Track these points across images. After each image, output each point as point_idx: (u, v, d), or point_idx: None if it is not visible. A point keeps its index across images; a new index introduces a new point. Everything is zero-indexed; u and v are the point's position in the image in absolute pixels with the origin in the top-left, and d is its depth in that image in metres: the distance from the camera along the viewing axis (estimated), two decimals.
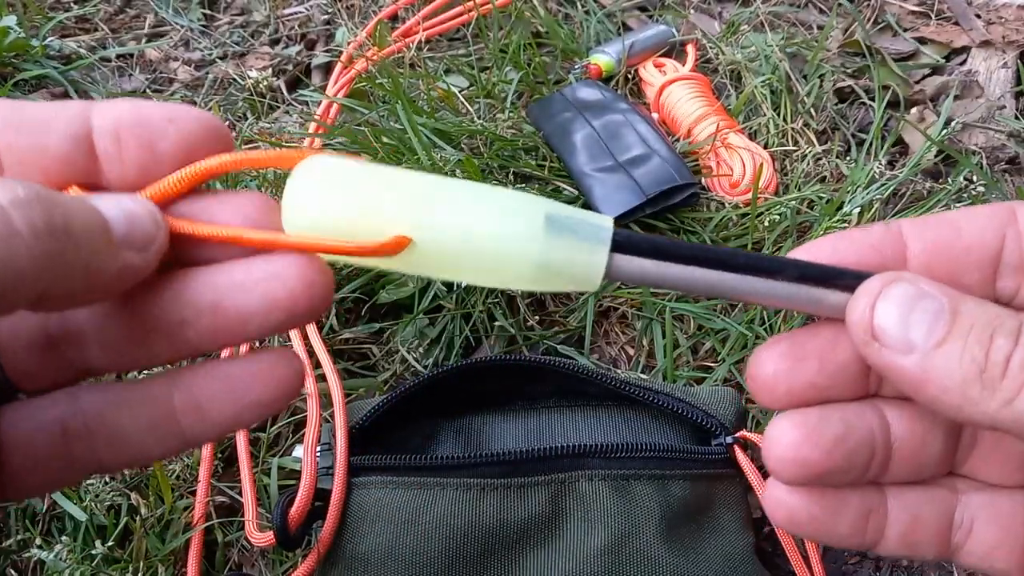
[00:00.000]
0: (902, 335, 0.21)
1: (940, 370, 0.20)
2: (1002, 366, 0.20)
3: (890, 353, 0.21)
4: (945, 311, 0.21)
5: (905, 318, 0.21)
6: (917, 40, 0.79)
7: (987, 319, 0.20)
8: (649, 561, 0.40)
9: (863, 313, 0.21)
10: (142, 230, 0.20)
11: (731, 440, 0.44)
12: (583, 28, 0.80)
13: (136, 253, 0.20)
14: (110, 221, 0.20)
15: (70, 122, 0.21)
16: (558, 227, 0.22)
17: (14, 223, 0.17)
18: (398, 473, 0.41)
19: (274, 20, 0.85)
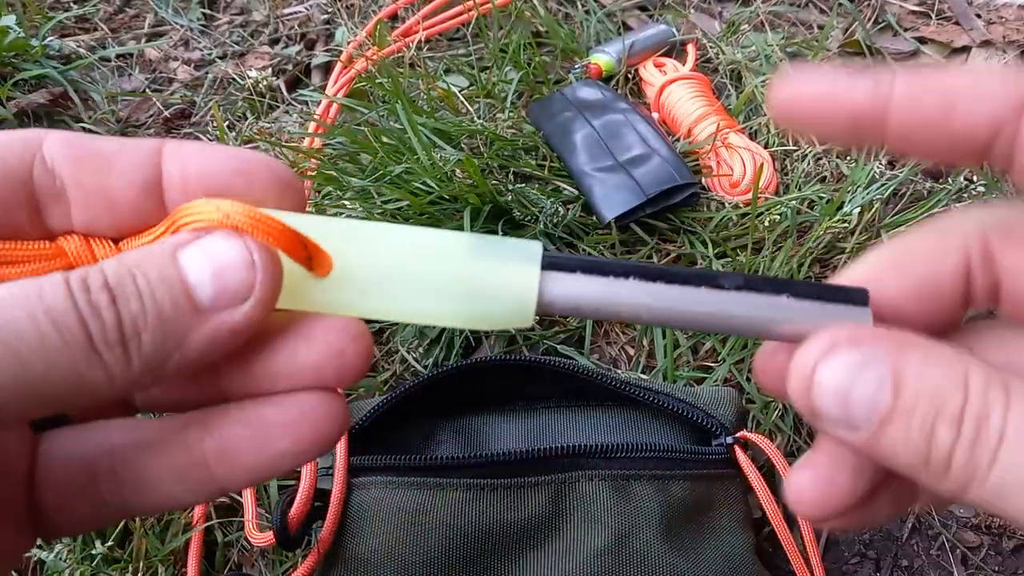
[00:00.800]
0: (843, 415, 0.19)
1: (888, 451, 0.19)
2: (944, 462, 0.18)
3: (835, 429, 0.19)
4: (887, 384, 0.18)
5: (845, 396, 0.19)
6: (917, 40, 0.79)
7: (930, 394, 0.18)
8: (649, 561, 0.40)
9: (801, 392, 0.20)
10: (235, 283, 0.19)
11: (731, 440, 0.44)
12: (583, 28, 0.79)
13: (230, 312, 0.18)
14: (193, 287, 0.18)
15: (136, 166, 0.20)
16: (483, 247, 0.21)
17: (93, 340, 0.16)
18: (398, 473, 0.41)
19: (274, 20, 0.85)
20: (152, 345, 0.17)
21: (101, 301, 0.17)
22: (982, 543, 0.49)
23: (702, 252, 0.60)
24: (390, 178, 0.60)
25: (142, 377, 0.18)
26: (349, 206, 0.59)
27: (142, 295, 0.17)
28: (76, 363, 0.17)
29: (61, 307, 0.17)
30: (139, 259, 0.18)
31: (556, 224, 0.59)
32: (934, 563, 0.48)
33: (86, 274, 0.17)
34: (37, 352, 0.16)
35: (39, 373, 0.16)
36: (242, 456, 0.21)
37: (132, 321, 0.17)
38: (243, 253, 0.19)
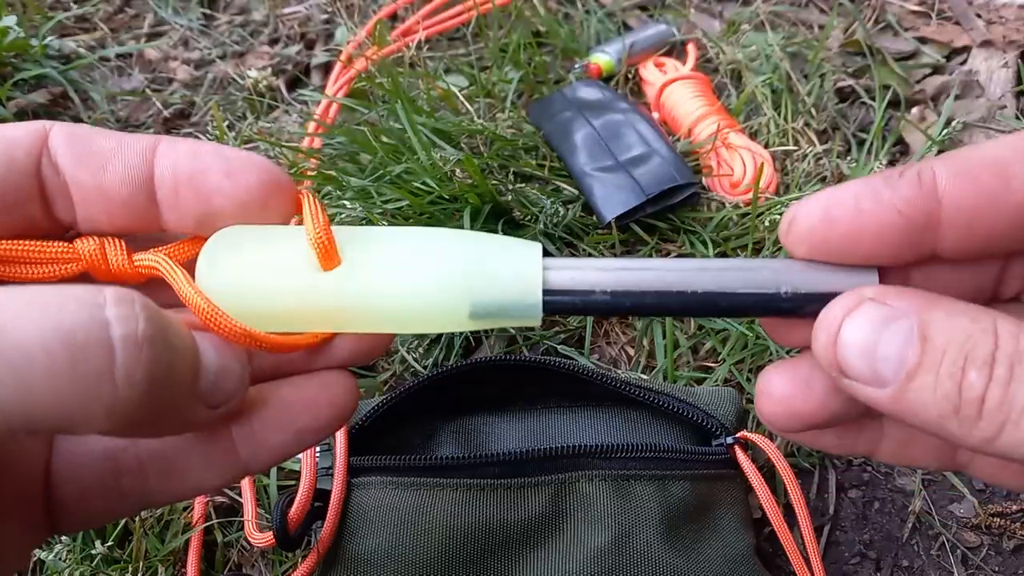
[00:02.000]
0: (870, 370, 0.19)
1: (915, 404, 0.18)
2: (976, 405, 0.18)
3: (862, 387, 0.19)
4: (915, 336, 0.18)
5: (871, 350, 0.19)
6: (918, 40, 0.79)
7: (959, 341, 0.18)
8: (649, 561, 0.40)
9: (827, 348, 0.19)
10: (226, 388, 0.19)
11: (731, 440, 0.44)
12: (583, 27, 0.79)
13: (207, 410, 0.19)
14: (203, 371, 0.19)
15: (130, 164, 0.21)
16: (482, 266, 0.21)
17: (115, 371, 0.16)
18: (398, 474, 0.41)
19: (273, 19, 0.85)
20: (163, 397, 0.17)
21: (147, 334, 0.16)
22: (982, 543, 0.49)
23: (702, 252, 0.60)
24: (390, 178, 0.60)
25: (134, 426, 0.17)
26: (349, 206, 0.59)
27: (172, 351, 0.17)
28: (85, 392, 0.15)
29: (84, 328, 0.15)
30: (169, 318, 0.17)
31: (556, 224, 0.59)
32: (934, 563, 0.48)
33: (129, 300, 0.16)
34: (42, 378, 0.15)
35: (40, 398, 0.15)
36: (267, 436, 0.21)
37: (165, 367, 0.17)
38: (243, 368, 0.20)
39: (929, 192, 0.20)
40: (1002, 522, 0.49)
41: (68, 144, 0.21)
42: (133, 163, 0.21)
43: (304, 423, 0.22)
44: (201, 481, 0.22)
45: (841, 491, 0.51)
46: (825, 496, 0.50)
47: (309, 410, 0.22)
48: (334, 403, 0.22)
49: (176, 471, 0.21)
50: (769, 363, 0.54)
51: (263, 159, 0.22)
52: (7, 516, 0.20)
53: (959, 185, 0.19)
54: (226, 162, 0.21)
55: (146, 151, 0.21)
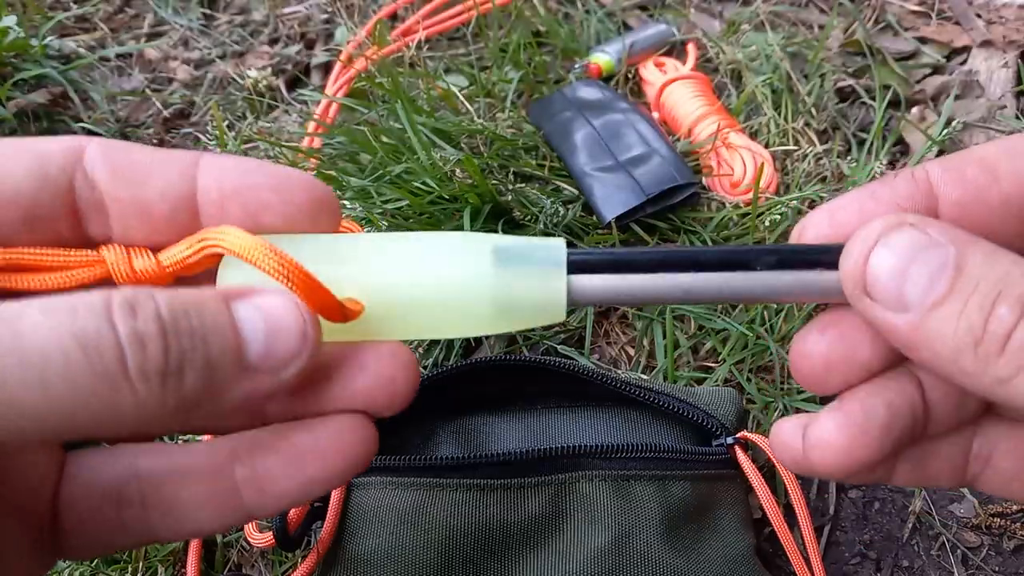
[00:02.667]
0: (896, 291, 0.18)
1: (933, 334, 0.18)
2: (1000, 341, 0.17)
3: (882, 310, 0.19)
4: (949, 265, 0.18)
5: (903, 271, 0.18)
6: (918, 40, 0.79)
7: (995, 277, 0.17)
8: (649, 562, 0.40)
9: (856, 263, 0.19)
10: (283, 349, 0.18)
11: (732, 441, 0.44)
12: (583, 27, 0.79)
13: (270, 376, 0.18)
14: (245, 342, 0.18)
15: (171, 179, 0.20)
16: (507, 257, 0.21)
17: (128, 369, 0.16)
18: (398, 474, 0.41)
19: (273, 19, 0.85)
20: (193, 387, 0.17)
21: (150, 331, 0.16)
22: (983, 543, 0.49)
23: None
24: (390, 178, 0.60)
25: (174, 416, 0.17)
26: (349, 206, 0.59)
27: (195, 335, 0.17)
28: (105, 392, 0.15)
29: (93, 331, 0.15)
30: (193, 299, 0.17)
31: (556, 224, 0.59)
32: (935, 563, 0.48)
33: (135, 300, 0.16)
34: (60, 378, 0.15)
35: (64, 399, 0.15)
36: (274, 483, 0.21)
37: (179, 358, 0.16)
38: (299, 322, 0.18)
39: (924, 188, 0.20)
40: (1002, 522, 0.49)
41: (105, 159, 0.20)
42: (174, 179, 0.20)
43: (313, 472, 0.20)
44: (202, 523, 0.21)
45: (841, 491, 0.51)
46: (825, 496, 0.50)
47: (320, 459, 0.20)
48: (348, 452, 0.21)
49: (177, 510, 0.21)
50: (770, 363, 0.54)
51: (309, 176, 0.21)
52: (19, 541, 0.20)
53: (949, 181, 0.20)
54: (274, 179, 0.20)
55: (188, 166, 0.20)
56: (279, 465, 0.20)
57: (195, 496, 0.21)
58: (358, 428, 0.21)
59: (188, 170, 0.20)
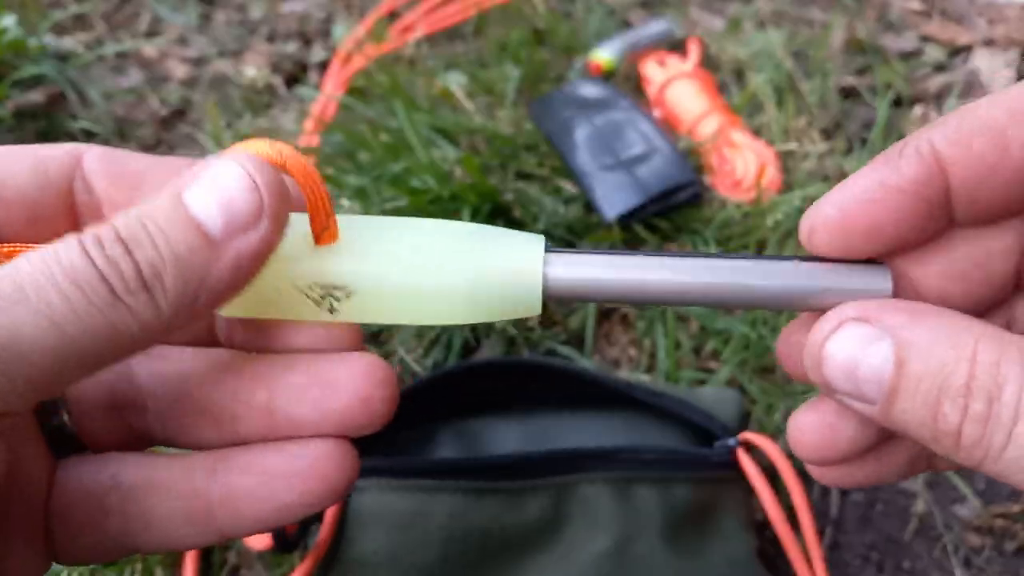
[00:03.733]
0: (855, 390, 0.19)
1: (900, 423, 0.19)
2: (953, 438, 0.18)
3: (852, 402, 0.19)
4: (890, 361, 0.18)
5: (853, 374, 0.19)
6: (920, 38, 0.78)
7: (935, 369, 0.18)
8: (651, 565, 0.40)
9: (814, 370, 0.20)
10: (244, 210, 0.18)
11: (734, 442, 0.43)
12: (584, 24, 0.79)
13: (245, 238, 0.18)
14: (202, 222, 0.18)
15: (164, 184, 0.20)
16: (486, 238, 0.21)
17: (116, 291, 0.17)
18: (397, 476, 0.41)
19: (271, 17, 0.85)
20: (175, 285, 0.18)
21: (116, 253, 0.17)
22: (984, 545, 0.48)
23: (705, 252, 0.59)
24: (389, 176, 0.60)
25: (175, 318, 0.18)
26: (347, 205, 0.59)
27: (155, 240, 0.18)
28: (106, 317, 0.17)
29: (79, 266, 0.17)
30: (146, 208, 0.18)
31: (557, 223, 0.59)
32: (936, 565, 0.48)
33: (98, 231, 0.18)
34: (66, 314, 0.16)
35: (74, 334, 0.17)
36: (247, 505, 0.20)
37: (150, 266, 0.17)
38: (244, 179, 0.19)
39: (932, 164, 0.20)
40: (1004, 523, 0.48)
41: (103, 165, 0.21)
42: (167, 181, 0.21)
43: (289, 499, 0.20)
44: (177, 539, 0.21)
45: (844, 493, 0.50)
46: (828, 498, 0.50)
47: (296, 485, 0.20)
48: (326, 479, 0.20)
49: (152, 523, 0.21)
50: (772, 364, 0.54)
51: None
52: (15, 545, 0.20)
53: (956, 155, 0.19)
54: None
55: (180, 170, 0.21)
56: (253, 487, 0.20)
57: (170, 512, 0.21)
58: (334, 453, 0.21)
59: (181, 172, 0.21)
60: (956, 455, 0.18)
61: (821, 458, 0.22)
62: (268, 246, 0.19)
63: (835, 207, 0.20)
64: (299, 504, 0.20)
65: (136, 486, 0.21)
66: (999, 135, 0.19)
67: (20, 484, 0.20)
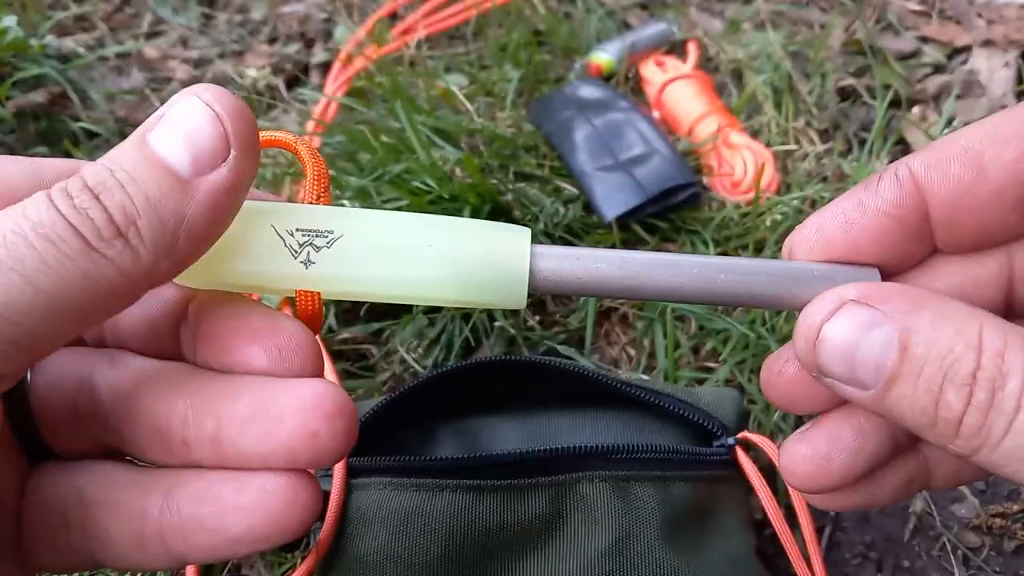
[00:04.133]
0: (850, 374, 0.18)
1: (894, 410, 0.18)
2: (953, 426, 0.17)
3: (843, 387, 0.19)
4: (894, 344, 0.18)
5: (851, 357, 0.18)
6: (919, 39, 0.79)
7: (939, 356, 0.17)
8: (650, 563, 0.40)
9: (807, 353, 0.19)
10: (209, 143, 0.18)
11: (733, 441, 0.44)
12: (584, 26, 0.79)
13: (218, 172, 0.18)
14: (170, 162, 0.18)
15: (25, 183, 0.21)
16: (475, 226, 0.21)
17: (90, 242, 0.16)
18: (397, 475, 0.41)
19: (272, 18, 0.85)
20: (151, 228, 0.17)
21: (85, 201, 0.17)
22: (983, 544, 0.48)
23: (703, 252, 0.60)
24: (389, 177, 0.60)
25: (159, 262, 0.17)
26: (348, 206, 0.59)
27: (124, 185, 0.17)
28: (83, 268, 0.16)
29: (47, 219, 0.16)
30: (112, 155, 0.18)
31: (556, 224, 0.59)
32: (935, 564, 0.48)
33: (65, 184, 0.17)
34: (41, 271, 0.16)
35: (53, 290, 0.16)
36: (197, 535, 0.20)
37: (121, 212, 0.17)
38: (206, 111, 0.18)
39: (910, 187, 0.20)
40: (1003, 522, 0.49)
41: None
42: None
43: (236, 533, 0.19)
44: (134, 560, 0.20)
45: None
46: None
47: (244, 519, 0.19)
48: (274, 517, 0.19)
49: (111, 544, 0.20)
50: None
51: None
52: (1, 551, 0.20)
53: (934, 178, 0.19)
54: None
55: None
56: (204, 516, 0.20)
57: (124, 533, 0.20)
58: (289, 488, 0.19)
59: None
60: (952, 443, 0.17)
61: (816, 488, 0.22)
62: (241, 177, 0.18)
63: (814, 229, 0.21)
64: (247, 539, 0.19)
65: (95, 503, 0.20)
66: (976, 157, 0.19)
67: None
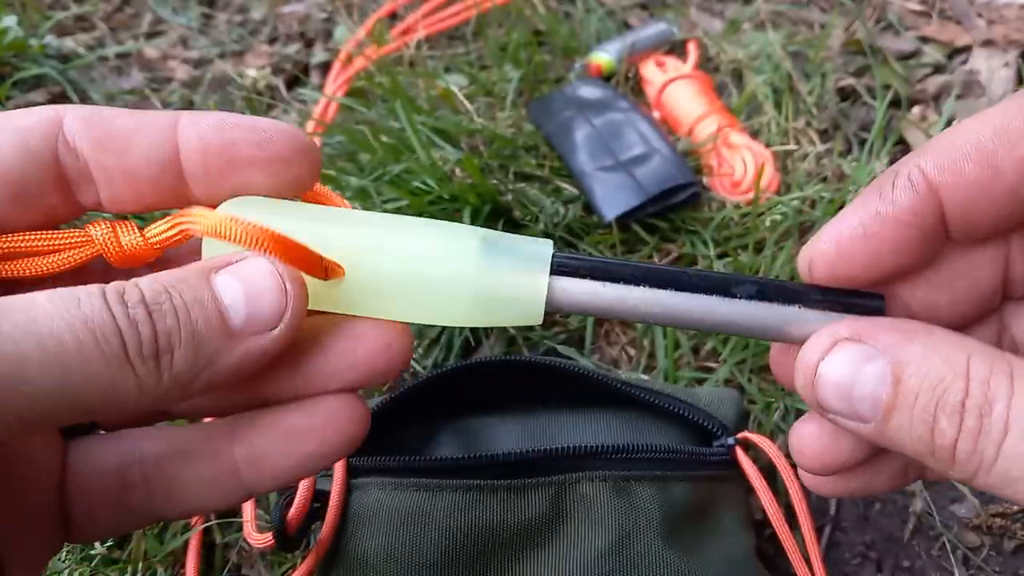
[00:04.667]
0: (849, 410, 0.19)
1: (894, 440, 0.19)
2: (949, 452, 0.18)
3: (845, 422, 0.20)
4: (887, 378, 0.19)
5: (847, 394, 0.19)
6: (919, 39, 0.79)
7: (931, 386, 0.18)
8: (650, 563, 0.40)
9: (806, 390, 0.20)
10: (266, 310, 0.19)
11: (732, 441, 0.44)
12: (584, 26, 0.79)
13: (259, 337, 0.19)
14: (227, 310, 0.19)
15: (153, 145, 0.21)
16: (493, 247, 0.21)
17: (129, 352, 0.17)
18: (397, 475, 0.41)
19: (272, 18, 0.85)
20: (184, 362, 0.18)
21: (139, 315, 0.17)
22: (983, 544, 0.49)
23: (703, 252, 0.60)
24: (389, 177, 0.60)
25: (170, 392, 0.18)
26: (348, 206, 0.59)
27: (178, 312, 0.18)
28: (111, 374, 0.17)
29: (99, 318, 0.17)
30: (174, 278, 0.19)
31: (556, 224, 0.59)
32: (935, 564, 0.48)
33: (122, 288, 0.18)
34: (76, 361, 0.16)
35: (78, 381, 0.16)
36: (271, 461, 0.21)
37: (167, 337, 0.18)
38: (276, 281, 0.19)
39: (925, 193, 0.20)
40: (1003, 522, 0.49)
41: (86, 127, 0.21)
42: (156, 142, 0.21)
43: (310, 449, 0.21)
44: (204, 501, 0.22)
45: None
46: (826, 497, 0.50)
47: (316, 437, 0.21)
48: (343, 430, 0.22)
49: (179, 490, 0.22)
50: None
51: (289, 126, 0.22)
52: (28, 528, 0.21)
53: (950, 182, 0.20)
54: (255, 133, 0.21)
55: (168, 129, 0.21)
56: (276, 444, 0.21)
57: (196, 475, 0.21)
58: (349, 407, 0.22)
59: (168, 132, 0.21)
60: (951, 469, 0.18)
61: (823, 467, 0.22)
62: (278, 350, 0.20)
63: (831, 242, 0.21)
64: (320, 454, 0.21)
65: (161, 456, 0.22)
66: (990, 157, 0.19)
67: (30, 471, 0.20)
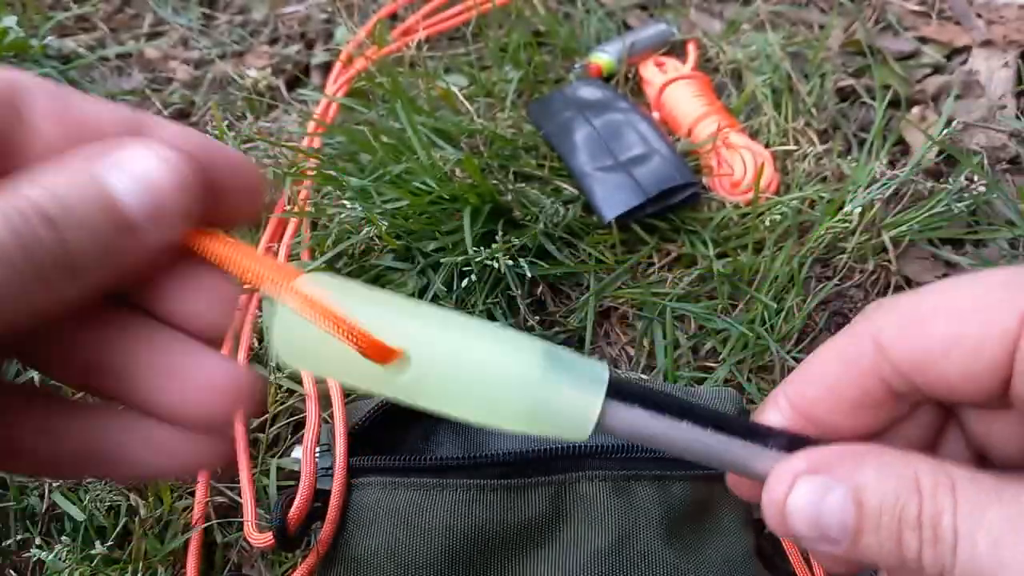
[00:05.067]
0: (822, 536, 0.21)
1: (869, 557, 0.20)
2: (916, 563, 0.19)
3: (820, 546, 0.21)
4: (849, 505, 0.20)
5: (816, 521, 0.20)
6: (918, 39, 0.79)
7: (891, 505, 0.20)
8: (650, 562, 0.40)
9: (779, 524, 0.21)
10: (168, 205, 0.18)
11: None
12: (583, 27, 0.79)
13: (156, 228, 0.18)
14: (121, 202, 0.18)
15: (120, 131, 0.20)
16: (557, 363, 0.21)
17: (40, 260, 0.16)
18: (397, 474, 0.41)
19: (273, 19, 0.85)
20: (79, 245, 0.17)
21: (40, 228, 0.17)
22: None
23: (703, 252, 0.60)
24: (390, 178, 0.60)
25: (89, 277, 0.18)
26: (348, 206, 0.59)
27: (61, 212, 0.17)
28: (24, 287, 0.16)
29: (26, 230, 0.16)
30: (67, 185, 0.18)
31: (556, 224, 0.59)
32: None
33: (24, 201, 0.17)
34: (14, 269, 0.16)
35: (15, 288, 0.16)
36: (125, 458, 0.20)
37: (77, 245, 0.17)
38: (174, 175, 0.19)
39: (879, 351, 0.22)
40: None
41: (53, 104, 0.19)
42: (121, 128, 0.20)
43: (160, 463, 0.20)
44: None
45: None
46: None
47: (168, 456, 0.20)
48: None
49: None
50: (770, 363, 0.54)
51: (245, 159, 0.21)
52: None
53: (904, 350, 0.21)
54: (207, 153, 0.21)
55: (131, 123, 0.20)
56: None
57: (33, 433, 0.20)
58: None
59: (131, 125, 0.20)
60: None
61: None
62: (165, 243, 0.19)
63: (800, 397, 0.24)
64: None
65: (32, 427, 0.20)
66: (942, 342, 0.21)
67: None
